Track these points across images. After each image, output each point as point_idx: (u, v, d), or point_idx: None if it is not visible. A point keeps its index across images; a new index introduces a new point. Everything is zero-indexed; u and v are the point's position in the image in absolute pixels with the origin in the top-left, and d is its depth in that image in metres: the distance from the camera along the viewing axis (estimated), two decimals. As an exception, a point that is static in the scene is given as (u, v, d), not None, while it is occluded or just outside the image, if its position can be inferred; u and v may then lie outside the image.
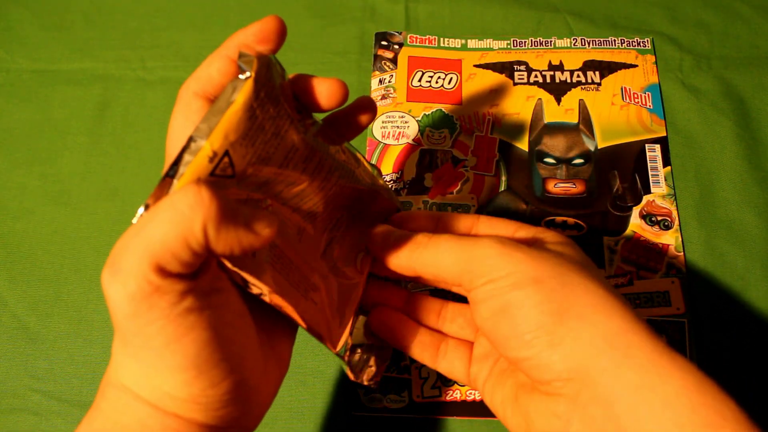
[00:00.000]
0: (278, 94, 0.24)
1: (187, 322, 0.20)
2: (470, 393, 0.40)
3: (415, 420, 0.40)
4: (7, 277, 0.45)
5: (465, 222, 0.32)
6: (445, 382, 0.40)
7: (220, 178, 0.21)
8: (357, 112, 0.29)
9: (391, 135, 0.48)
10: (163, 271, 0.19)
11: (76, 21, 0.55)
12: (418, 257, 0.29)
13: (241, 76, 0.22)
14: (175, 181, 0.20)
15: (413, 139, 0.48)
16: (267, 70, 0.23)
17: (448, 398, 0.40)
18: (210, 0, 0.55)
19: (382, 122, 0.49)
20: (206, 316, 0.20)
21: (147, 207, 0.20)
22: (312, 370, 0.42)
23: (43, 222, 0.47)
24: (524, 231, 0.31)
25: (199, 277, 0.21)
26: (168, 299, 0.19)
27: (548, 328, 0.25)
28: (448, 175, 0.47)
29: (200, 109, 0.25)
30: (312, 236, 0.29)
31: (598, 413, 0.24)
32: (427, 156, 0.47)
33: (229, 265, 0.23)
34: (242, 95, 0.21)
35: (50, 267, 0.45)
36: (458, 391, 0.40)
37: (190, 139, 0.21)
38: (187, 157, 0.20)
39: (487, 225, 0.32)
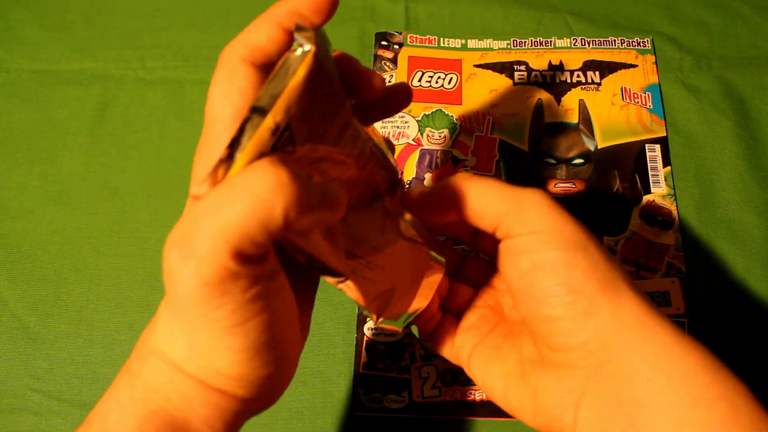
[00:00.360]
0: (333, 70, 0.23)
1: (256, 306, 0.20)
2: (470, 393, 0.40)
3: (415, 420, 0.40)
4: (7, 277, 0.45)
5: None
6: (446, 382, 0.41)
7: (280, 153, 0.20)
8: (396, 98, 0.30)
9: (391, 135, 0.48)
10: (239, 257, 0.18)
11: (76, 21, 0.55)
12: (466, 188, 0.28)
13: (299, 50, 0.21)
14: (237, 154, 0.19)
15: (413, 139, 0.48)
16: (323, 44, 0.22)
17: (448, 398, 0.40)
18: (210, 0, 0.55)
19: (382, 122, 0.49)
20: (271, 300, 0.20)
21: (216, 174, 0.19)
22: (312, 370, 0.42)
23: (43, 222, 0.47)
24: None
25: (266, 260, 0.20)
26: (241, 285, 0.19)
27: (591, 296, 0.25)
28: (448, 175, 0.46)
29: (247, 76, 0.23)
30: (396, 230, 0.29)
31: (615, 387, 0.24)
32: (427, 156, 0.47)
33: (303, 246, 0.22)
34: (303, 68, 0.20)
35: (50, 267, 0.45)
36: (458, 391, 0.40)
37: (252, 110, 0.20)
38: (249, 130, 0.19)
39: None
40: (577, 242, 0.26)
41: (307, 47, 0.21)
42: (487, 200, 0.28)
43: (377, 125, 0.48)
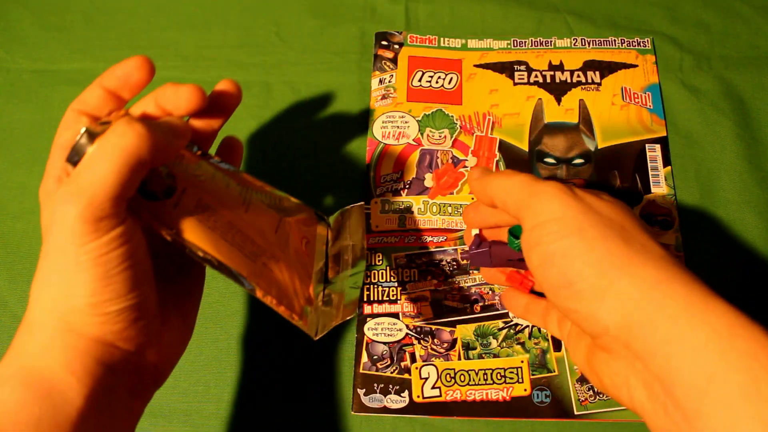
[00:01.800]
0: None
1: (114, 245, 0.25)
2: (470, 393, 0.40)
3: (415, 420, 0.40)
4: (7, 277, 0.45)
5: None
6: (446, 382, 0.41)
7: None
8: (221, 99, 0.33)
9: (391, 135, 0.48)
10: (116, 199, 0.25)
11: (76, 21, 0.55)
12: (492, 180, 0.33)
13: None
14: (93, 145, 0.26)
15: (413, 139, 0.48)
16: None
17: (448, 398, 0.40)
18: (210, 0, 0.55)
19: (383, 122, 0.49)
20: (129, 246, 0.26)
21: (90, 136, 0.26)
22: (312, 370, 0.42)
23: (43, 222, 0.47)
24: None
25: (126, 221, 0.26)
26: (108, 225, 0.25)
27: (592, 281, 0.26)
28: (448, 175, 0.47)
29: (76, 120, 0.30)
30: (262, 210, 0.33)
31: (643, 369, 0.25)
32: (427, 156, 0.47)
33: (167, 233, 0.28)
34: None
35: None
36: (458, 391, 0.40)
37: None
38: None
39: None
40: (573, 228, 0.27)
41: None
42: (507, 192, 0.31)
43: (377, 128, 0.48)
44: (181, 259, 0.32)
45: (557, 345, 0.41)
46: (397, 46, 0.52)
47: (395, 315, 0.42)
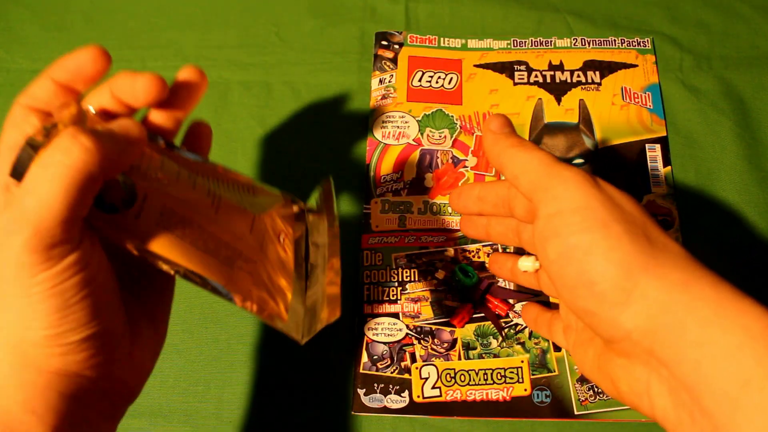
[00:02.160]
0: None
1: (69, 274, 0.23)
2: (470, 393, 0.40)
3: (415, 420, 0.40)
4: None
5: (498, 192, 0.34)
6: (446, 382, 0.41)
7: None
8: (182, 88, 0.29)
9: (391, 135, 0.48)
10: (66, 223, 0.22)
11: (76, 21, 0.55)
12: (509, 149, 0.29)
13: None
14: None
15: (413, 139, 0.48)
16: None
17: (448, 398, 0.40)
18: (210, 0, 0.55)
19: (383, 122, 0.49)
20: (89, 270, 0.23)
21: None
22: (312, 370, 0.42)
23: (43, 222, 0.47)
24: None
25: (82, 243, 0.23)
26: (60, 252, 0.22)
27: (616, 281, 0.24)
28: (448, 175, 0.47)
29: (24, 116, 0.28)
30: (234, 208, 0.31)
31: (667, 374, 0.23)
32: (427, 156, 0.47)
33: (129, 244, 0.26)
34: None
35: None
36: (458, 391, 0.40)
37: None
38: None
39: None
40: (597, 221, 0.25)
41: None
42: (522, 167, 0.28)
43: (377, 127, 0.48)
44: (147, 267, 0.29)
45: (557, 345, 0.41)
46: (397, 46, 0.52)
47: (395, 315, 0.42)
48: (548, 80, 0.50)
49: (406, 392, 0.40)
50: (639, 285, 0.24)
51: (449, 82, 0.50)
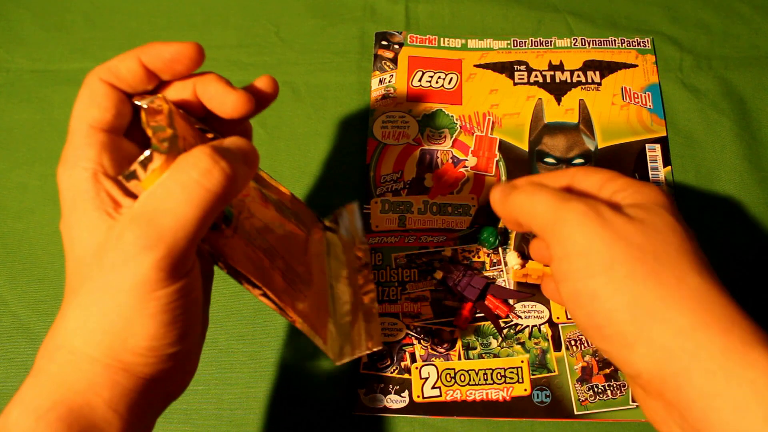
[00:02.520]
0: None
1: (183, 293, 0.24)
2: (470, 393, 0.40)
3: (415, 420, 0.40)
4: (7, 277, 0.45)
5: (559, 180, 0.31)
6: (446, 382, 0.41)
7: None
8: (261, 98, 0.29)
9: (391, 135, 0.48)
10: (195, 245, 0.23)
11: (76, 21, 0.55)
12: (514, 201, 0.29)
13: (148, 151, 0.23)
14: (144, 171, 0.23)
15: (413, 139, 0.48)
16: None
17: (448, 398, 0.40)
18: (210, 0, 0.55)
19: (383, 122, 0.49)
20: (194, 287, 0.24)
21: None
22: (312, 370, 0.42)
23: (43, 222, 0.47)
24: (616, 184, 0.29)
25: (194, 265, 0.25)
26: (181, 273, 0.23)
27: (621, 327, 0.24)
28: (448, 175, 0.47)
29: (106, 95, 0.26)
30: (293, 227, 0.31)
31: (679, 417, 0.24)
32: (427, 156, 0.47)
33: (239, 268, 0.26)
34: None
35: (50, 267, 0.45)
36: (458, 391, 0.40)
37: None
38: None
39: (585, 173, 0.31)
40: (601, 266, 0.25)
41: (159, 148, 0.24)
42: (531, 215, 0.28)
43: (377, 127, 0.48)
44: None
45: (557, 345, 0.41)
46: (397, 46, 0.52)
47: (395, 315, 0.42)
48: (548, 80, 0.50)
49: (406, 392, 0.40)
50: (644, 330, 0.24)
51: (449, 82, 0.50)
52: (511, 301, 0.42)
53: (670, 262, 0.25)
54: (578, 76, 0.50)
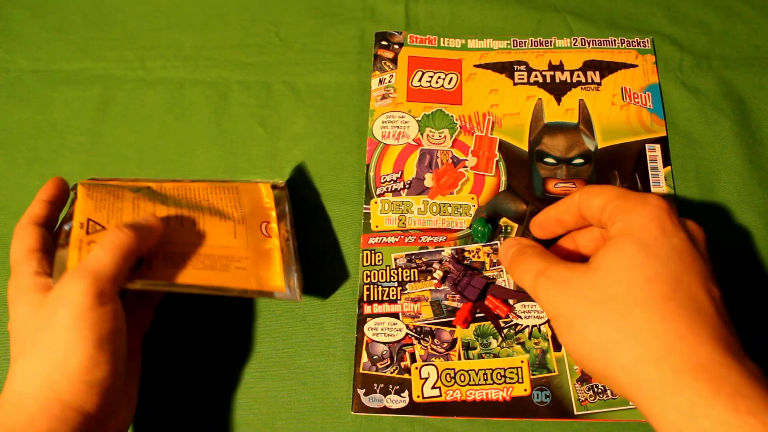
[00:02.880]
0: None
1: (108, 318, 0.32)
2: (470, 393, 0.40)
3: (415, 420, 0.40)
4: (7, 277, 0.45)
5: (568, 207, 0.36)
6: (446, 382, 0.40)
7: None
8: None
9: (391, 135, 0.48)
10: (114, 280, 0.32)
11: (76, 21, 0.55)
12: (509, 268, 0.37)
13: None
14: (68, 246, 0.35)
15: (413, 139, 0.48)
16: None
17: (448, 398, 0.40)
18: (210, 0, 0.55)
19: (382, 122, 0.49)
20: (116, 320, 0.32)
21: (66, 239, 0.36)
22: (312, 370, 0.42)
23: (43, 222, 0.47)
24: (613, 206, 0.32)
25: (116, 300, 0.33)
26: (105, 301, 0.32)
27: (595, 372, 0.30)
28: (448, 175, 0.47)
29: (33, 231, 0.37)
30: (216, 224, 0.40)
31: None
32: (427, 156, 0.47)
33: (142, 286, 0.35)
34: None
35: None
36: (458, 391, 0.40)
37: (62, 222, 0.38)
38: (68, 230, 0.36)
39: (583, 206, 0.35)
40: (635, 304, 0.29)
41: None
42: (521, 283, 0.36)
43: (377, 127, 0.48)
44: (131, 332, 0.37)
45: (557, 345, 0.41)
46: (397, 46, 0.52)
47: (395, 315, 0.42)
48: (548, 80, 0.50)
49: (406, 392, 0.40)
50: (663, 388, 0.27)
51: (449, 82, 0.50)
52: (511, 301, 0.42)
53: (628, 305, 0.29)
54: (578, 76, 0.50)
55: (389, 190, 0.46)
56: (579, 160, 0.47)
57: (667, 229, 0.30)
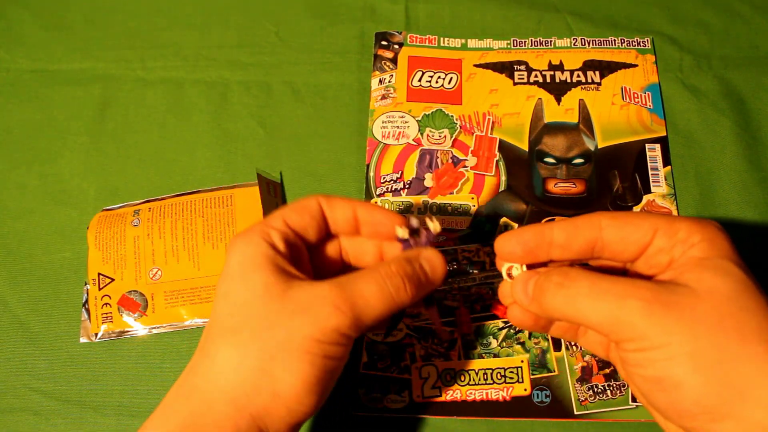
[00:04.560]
0: None
1: (338, 359, 0.28)
2: (470, 393, 0.40)
3: (415, 420, 0.40)
4: (7, 277, 0.45)
5: (589, 231, 0.29)
6: (446, 382, 0.41)
7: None
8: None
9: (391, 135, 0.48)
10: (368, 328, 0.29)
11: (76, 21, 0.55)
12: (551, 301, 0.28)
13: None
14: None
15: (413, 139, 0.48)
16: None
17: (448, 398, 0.40)
18: (210, 0, 0.55)
19: (382, 122, 0.49)
20: (344, 362, 0.29)
21: None
22: (312, 370, 0.42)
23: (43, 222, 0.47)
24: (665, 238, 0.27)
25: (350, 345, 0.29)
26: (346, 339, 0.28)
27: (709, 408, 0.24)
28: (448, 175, 0.47)
29: (314, 215, 0.31)
30: (209, 253, 0.44)
31: None
32: (427, 156, 0.47)
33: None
34: None
35: (50, 267, 0.45)
36: (458, 391, 0.40)
37: None
38: None
39: (615, 231, 0.29)
40: (684, 354, 0.24)
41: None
42: (582, 318, 0.27)
43: (377, 127, 0.48)
44: None
45: (557, 345, 0.41)
46: (397, 46, 0.52)
47: (395, 315, 0.42)
48: (548, 80, 0.50)
49: (406, 392, 0.40)
50: (735, 408, 0.23)
51: (449, 82, 0.50)
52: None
53: (753, 334, 0.24)
54: (578, 75, 0.50)
55: (389, 190, 0.46)
56: (579, 160, 0.47)
57: (737, 252, 0.27)
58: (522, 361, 0.41)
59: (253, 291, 0.27)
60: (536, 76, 0.50)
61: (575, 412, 0.39)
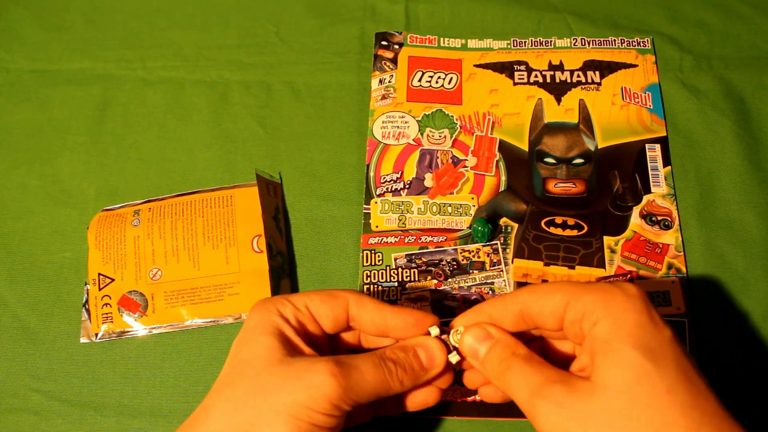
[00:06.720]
0: None
1: (333, 426, 0.29)
2: (470, 393, 0.40)
3: (415, 420, 0.40)
4: (7, 277, 0.45)
5: (513, 305, 0.31)
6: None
7: None
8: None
9: (391, 135, 0.48)
10: (359, 409, 0.31)
11: (76, 21, 0.55)
12: (495, 378, 0.31)
13: None
14: None
15: (413, 139, 0.48)
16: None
17: (448, 398, 0.40)
18: (210, 0, 0.55)
19: (382, 122, 0.49)
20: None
21: None
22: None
23: (43, 222, 0.47)
24: (580, 304, 0.28)
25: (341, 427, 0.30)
26: (342, 417, 0.29)
27: None
28: (448, 175, 0.47)
29: (339, 311, 0.32)
30: (210, 255, 0.44)
31: None
32: (427, 156, 0.47)
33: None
34: None
35: (50, 267, 0.45)
36: (458, 392, 0.40)
37: None
38: None
39: (532, 305, 0.30)
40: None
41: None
42: (513, 396, 0.30)
43: (377, 127, 0.48)
44: None
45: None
46: (397, 46, 0.52)
47: (395, 315, 0.42)
48: (548, 80, 0.50)
49: (406, 392, 0.40)
50: None
51: (449, 82, 0.50)
52: None
53: (644, 427, 0.24)
54: (578, 76, 0.50)
55: (389, 190, 0.46)
56: (579, 160, 0.47)
57: (656, 321, 0.27)
58: (522, 361, 0.41)
59: (255, 352, 0.29)
60: (536, 76, 0.50)
61: (575, 412, 0.39)
